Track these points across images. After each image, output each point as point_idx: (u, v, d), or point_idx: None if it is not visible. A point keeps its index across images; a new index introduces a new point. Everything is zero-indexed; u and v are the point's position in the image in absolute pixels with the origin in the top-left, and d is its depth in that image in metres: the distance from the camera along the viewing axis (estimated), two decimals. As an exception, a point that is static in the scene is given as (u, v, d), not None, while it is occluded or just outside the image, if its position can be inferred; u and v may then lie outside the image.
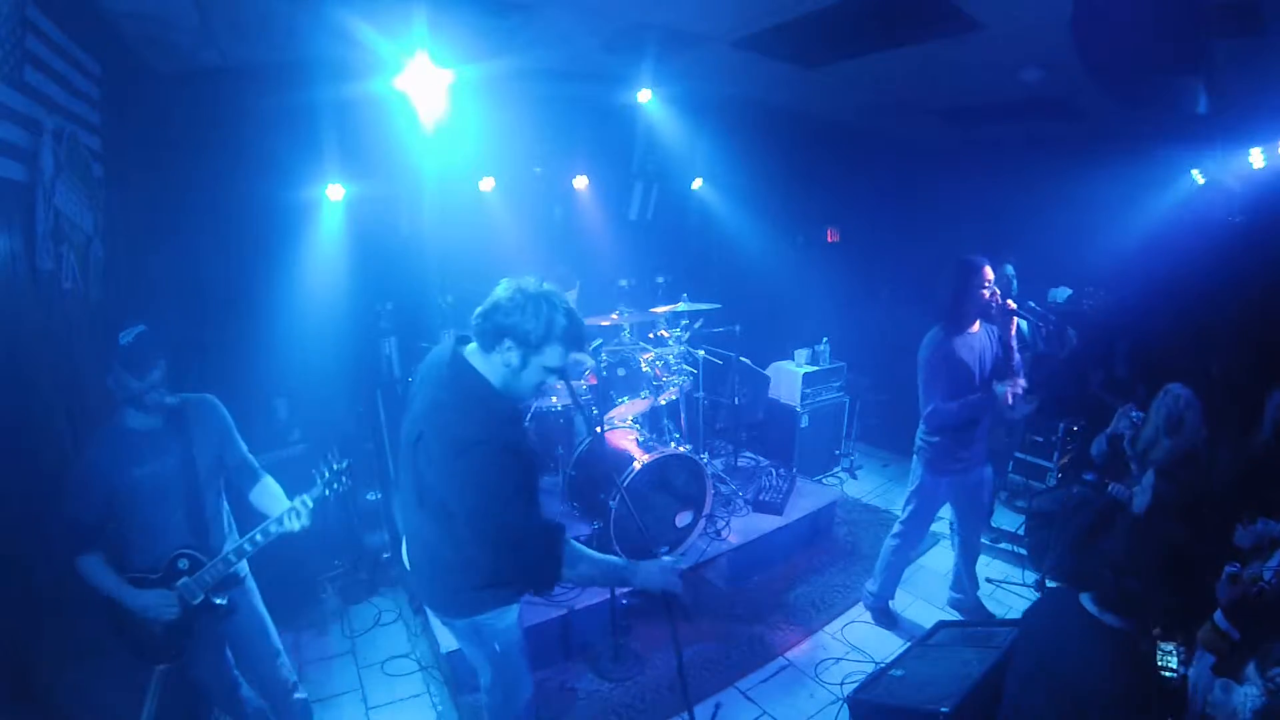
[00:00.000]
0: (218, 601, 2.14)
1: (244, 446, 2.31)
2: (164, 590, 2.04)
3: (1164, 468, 2.92)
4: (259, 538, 2.10)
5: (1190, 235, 4.75)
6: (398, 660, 3.21)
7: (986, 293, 2.98)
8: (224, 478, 2.28)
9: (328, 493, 2.16)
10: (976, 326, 3.09)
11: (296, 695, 2.51)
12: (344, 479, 2.17)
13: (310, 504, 2.14)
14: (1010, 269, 4.09)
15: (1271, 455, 3.10)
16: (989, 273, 2.97)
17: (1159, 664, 1.99)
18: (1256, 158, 4.46)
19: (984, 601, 3.66)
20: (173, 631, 2.08)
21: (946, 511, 4.58)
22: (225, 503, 2.31)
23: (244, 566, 2.26)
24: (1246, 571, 2.09)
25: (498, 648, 2.00)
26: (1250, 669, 1.86)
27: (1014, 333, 3.05)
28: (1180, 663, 2.07)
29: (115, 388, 1.97)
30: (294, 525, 2.11)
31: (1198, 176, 4.87)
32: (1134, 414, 3.18)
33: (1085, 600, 2.05)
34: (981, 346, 3.09)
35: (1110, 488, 3.12)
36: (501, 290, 1.75)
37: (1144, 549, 2.13)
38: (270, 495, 2.27)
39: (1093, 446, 3.46)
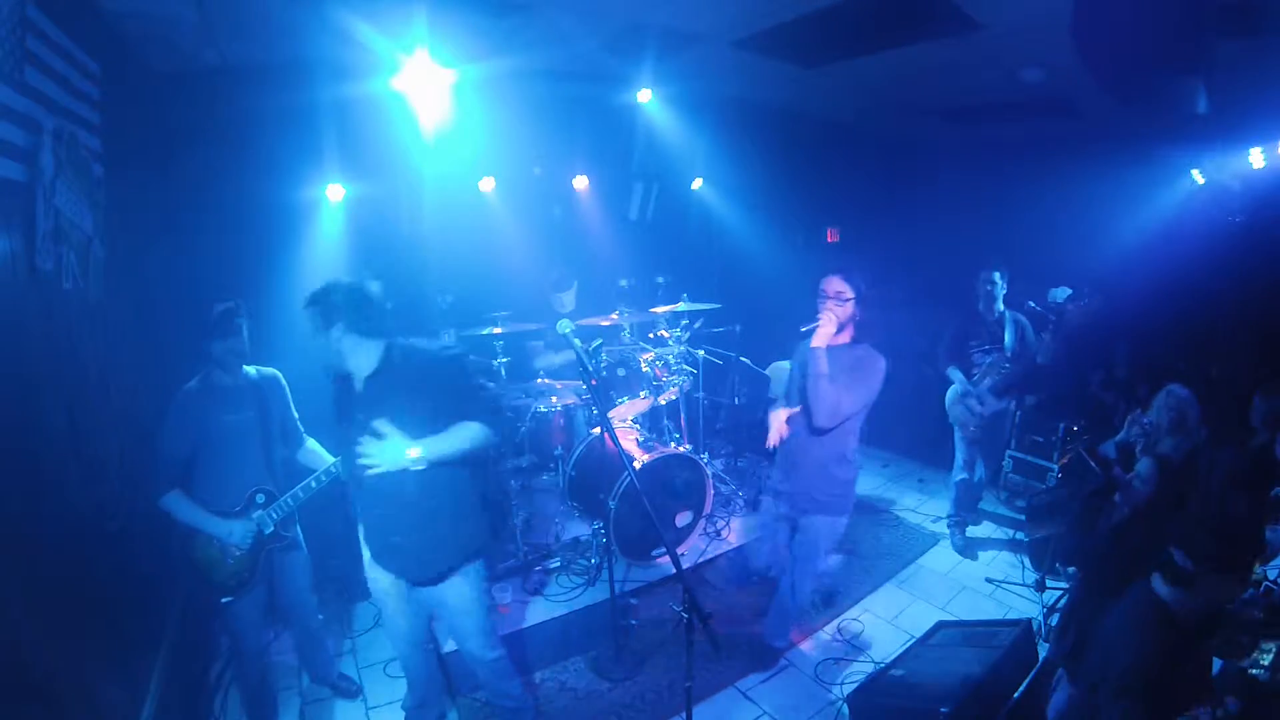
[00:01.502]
0: (285, 534, 2.55)
1: (296, 415, 2.73)
2: (244, 519, 2.43)
3: (1166, 464, 2.93)
4: (323, 477, 2.52)
5: (1190, 235, 4.75)
6: (398, 660, 3.20)
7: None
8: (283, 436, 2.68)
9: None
10: (838, 337, 2.78)
11: (321, 617, 2.93)
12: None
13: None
14: (996, 275, 4.07)
15: (1268, 456, 3.10)
16: (825, 284, 2.77)
17: (1247, 663, 1.93)
18: (1256, 158, 4.46)
19: (984, 601, 3.67)
20: (243, 561, 2.44)
21: (942, 510, 4.62)
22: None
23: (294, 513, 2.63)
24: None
25: None
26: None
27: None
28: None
29: (207, 353, 2.43)
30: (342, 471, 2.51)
31: (1198, 176, 4.87)
32: (1145, 420, 3.14)
33: (1155, 580, 2.08)
34: (804, 357, 2.79)
35: (1115, 470, 3.11)
36: None
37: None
38: (316, 454, 2.74)
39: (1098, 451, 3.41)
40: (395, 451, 1.97)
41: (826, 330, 2.72)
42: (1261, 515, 2.55)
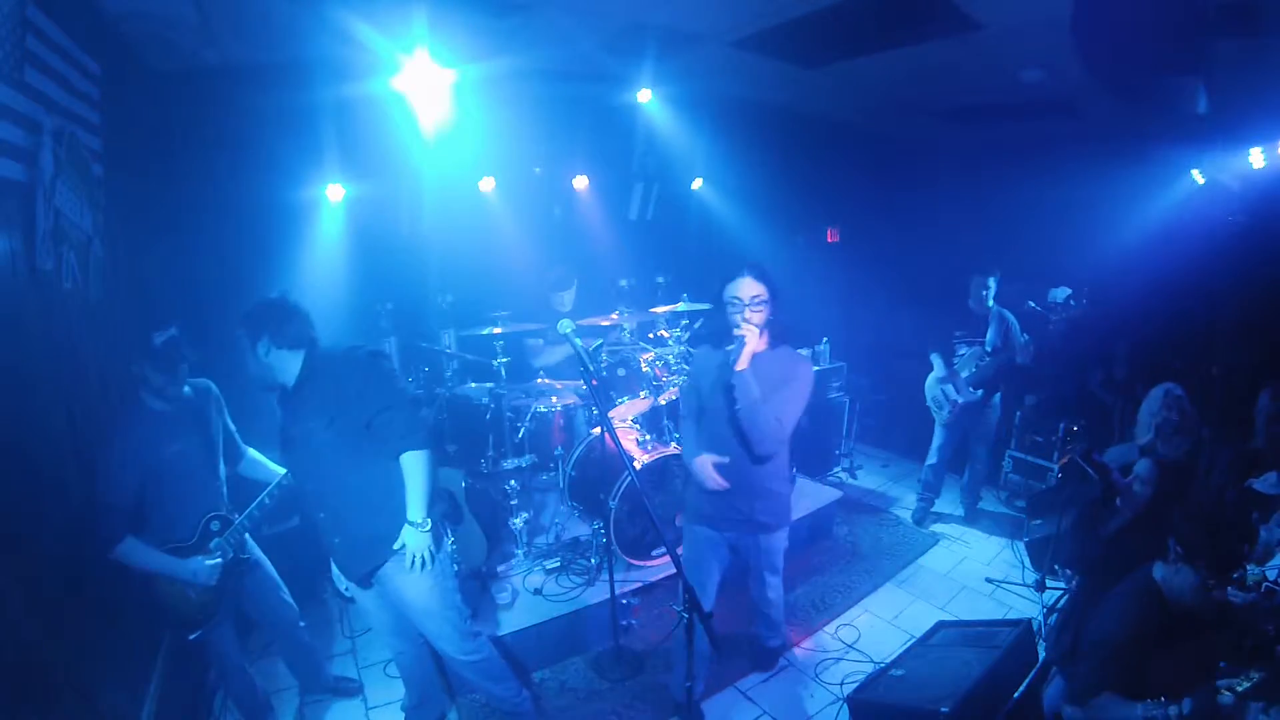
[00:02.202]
0: (243, 556, 2.45)
1: (233, 427, 2.61)
2: (204, 556, 2.32)
3: (1166, 464, 2.93)
4: (275, 491, 2.42)
5: (1190, 235, 4.75)
6: (395, 660, 3.20)
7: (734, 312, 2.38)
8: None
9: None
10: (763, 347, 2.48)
11: (303, 624, 2.80)
12: None
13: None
14: (991, 280, 4.16)
15: (1264, 457, 3.10)
16: (738, 289, 2.37)
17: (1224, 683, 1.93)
18: (1256, 158, 4.45)
19: (984, 601, 3.66)
20: (207, 594, 2.34)
21: (943, 510, 4.62)
22: None
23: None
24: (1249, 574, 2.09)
25: None
26: None
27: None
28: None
29: (140, 377, 2.23)
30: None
31: (1198, 176, 4.87)
32: (1154, 421, 3.10)
33: (1155, 566, 2.10)
34: (713, 377, 2.51)
35: (1113, 475, 3.10)
36: None
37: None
38: (260, 464, 2.64)
39: (1111, 455, 3.36)
40: (412, 536, 2.14)
41: (751, 346, 2.33)
42: (1249, 510, 2.58)
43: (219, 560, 2.34)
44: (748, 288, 2.36)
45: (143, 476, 2.21)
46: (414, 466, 2.12)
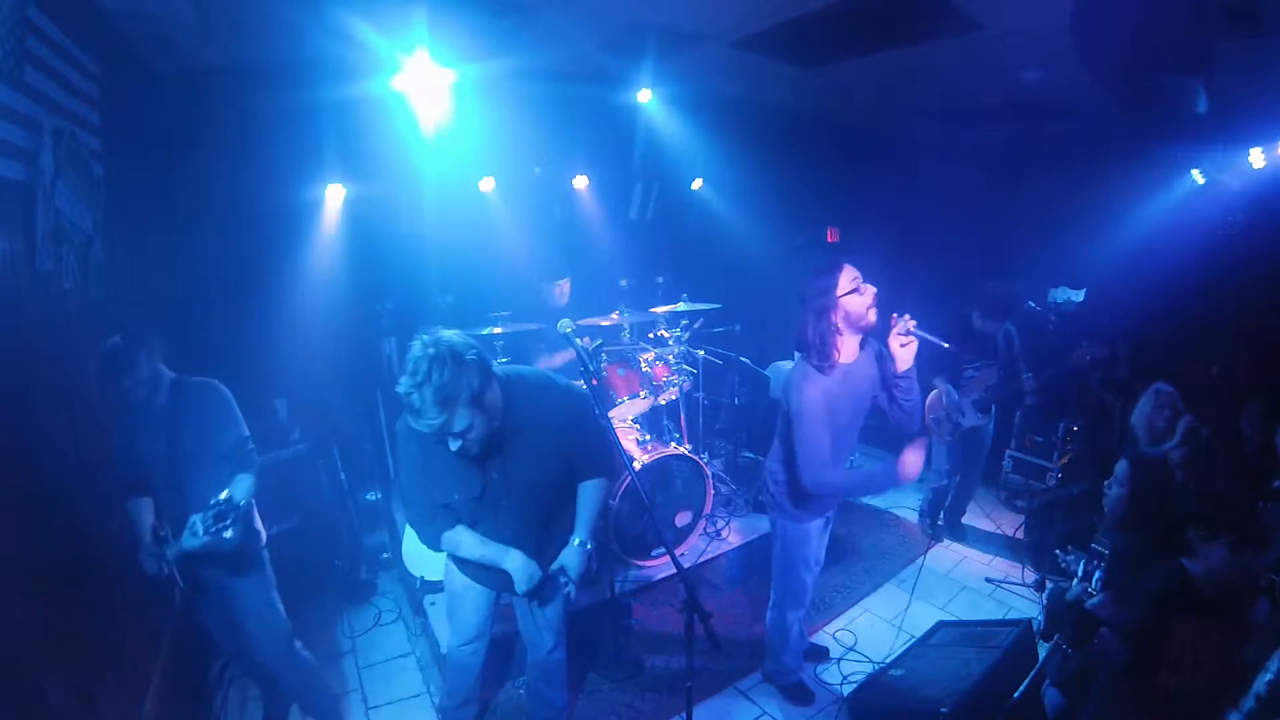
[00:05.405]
0: (179, 582, 2.09)
1: (244, 433, 2.27)
2: (147, 550, 2.11)
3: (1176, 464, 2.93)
4: (203, 530, 1.97)
5: (1190, 235, 4.76)
6: (398, 660, 3.21)
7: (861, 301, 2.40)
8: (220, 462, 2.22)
9: (203, 534, 1.98)
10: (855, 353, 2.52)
11: (307, 654, 2.61)
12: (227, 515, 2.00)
13: (199, 530, 1.97)
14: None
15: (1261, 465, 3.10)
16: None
17: None
18: (1256, 158, 4.45)
19: (984, 601, 3.66)
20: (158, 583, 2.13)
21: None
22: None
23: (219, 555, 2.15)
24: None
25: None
26: None
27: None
28: None
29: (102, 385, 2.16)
30: (192, 543, 1.99)
31: (1198, 176, 4.87)
32: (1181, 424, 3.05)
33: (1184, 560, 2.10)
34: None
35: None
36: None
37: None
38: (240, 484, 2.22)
39: (1146, 456, 3.30)
40: (575, 556, 2.10)
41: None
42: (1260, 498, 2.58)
43: (153, 563, 2.08)
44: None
45: (124, 464, 2.18)
46: (593, 490, 2.13)
